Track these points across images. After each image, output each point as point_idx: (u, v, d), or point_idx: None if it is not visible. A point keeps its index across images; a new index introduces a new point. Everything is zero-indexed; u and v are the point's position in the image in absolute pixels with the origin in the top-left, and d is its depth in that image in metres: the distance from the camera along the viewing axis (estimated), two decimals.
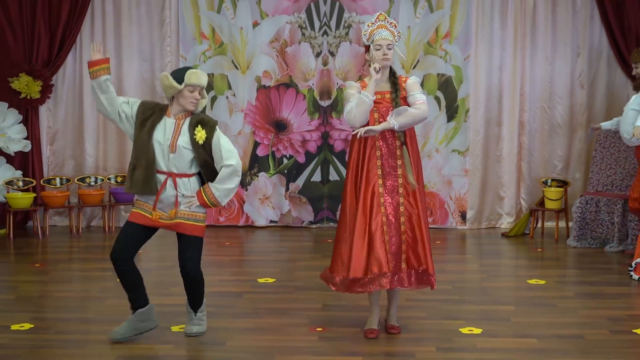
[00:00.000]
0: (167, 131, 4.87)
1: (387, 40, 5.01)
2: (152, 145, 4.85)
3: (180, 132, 4.87)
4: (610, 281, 6.72)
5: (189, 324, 5.13)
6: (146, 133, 4.87)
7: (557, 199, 8.46)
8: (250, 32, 8.87)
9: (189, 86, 4.85)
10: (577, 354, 4.86)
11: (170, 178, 4.87)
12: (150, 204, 4.90)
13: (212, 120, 4.98)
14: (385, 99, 5.05)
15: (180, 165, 4.87)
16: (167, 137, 4.86)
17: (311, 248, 8.09)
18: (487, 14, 8.83)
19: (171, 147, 4.84)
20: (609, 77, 8.92)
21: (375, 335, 5.10)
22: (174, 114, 4.93)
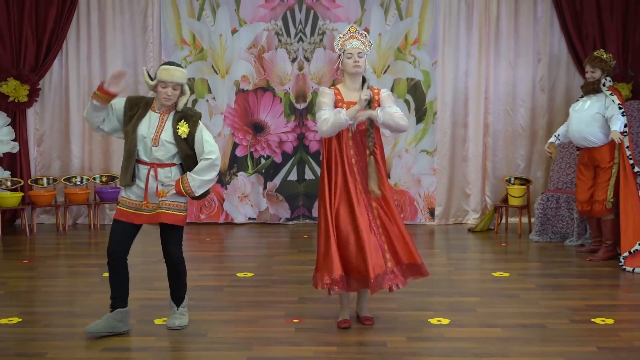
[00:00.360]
0: (152, 125, 4.84)
1: (357, 49, 5.02)
2: (134, 138, 4.82)
3: (164, 127, 4.84)
4: (570, 273, 6.77)
5: (171, 318, 5.11)
6: (131, 127, 4.83)
7: (520, 196, 8.51)
8: (229, 39, 8.84)
9: (161, 82, 4.79)
10: (539, 342, 4.89)
11: (153, 168, 4.85)
12: (134, 199, 4.88)
13: (195, 114, 4.93)
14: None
15: (163, 158, 4.84)
16: (151, 131, 4.83)
17: (288, 244, 8.09)
18: (454, 21, 8.87)
19: (154, 141, 4.81)
20: (568, 81, 8.98)
21: (348, 325, 5.10)
22: (158, 108, 4.89)
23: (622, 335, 5.01)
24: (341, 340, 4.91)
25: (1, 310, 5.55)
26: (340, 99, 5.06)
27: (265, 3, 8.83)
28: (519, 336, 4.99)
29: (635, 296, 6.04)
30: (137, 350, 4.76)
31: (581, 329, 5.15)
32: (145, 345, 4.85)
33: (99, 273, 6.61)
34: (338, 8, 8.82)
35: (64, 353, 4.68)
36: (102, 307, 5.57)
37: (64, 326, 5.20)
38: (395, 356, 4.62)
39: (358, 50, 5.03)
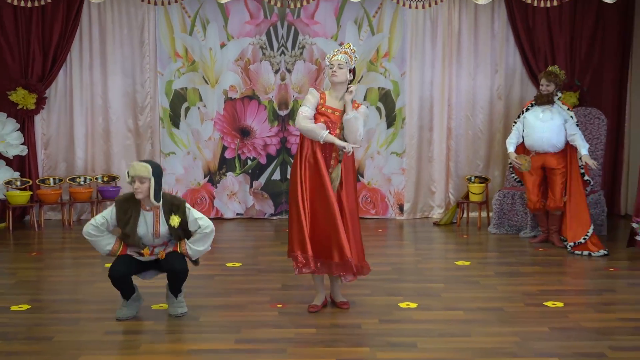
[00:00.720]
0: (148, 224, 4.91)
1: (338, 60, 5.07)
2: (135, 239, 4.90)
3: (160, 222, 4.91)
4: (524, 262, 6.82)
5: (173, 307, 5.09)
6: (130, 229, 4.88)
7: (480, 193, 8.55)
8: (218, 52, 8.82)
9: (129, 178, 4.83)
10: (498, 323, 4.93)
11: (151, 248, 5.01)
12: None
13: (180, 202, 4.95)
14: (335, 115, 5.09)
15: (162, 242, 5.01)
16: (149, 228, 4.90)
17: (272, 237, 8.08)
18: (420, 37, 8.89)
19: (155, 234, 4.92)
20: (522, 90, 9.03)
21: (316, 310, 5.14)
22: (148, 205, 4.89)
23: (570, 316, 5.06)
24: (319, 322, 4.92)
25: (12, 298, 5.52)
26: (322, 102, 5.11)
27: (250, 20, 8.82)
28: (479, 318, 5.03)
29: (582, 282, 6.11)
30: (137, 333, 4.75)
31: (534, 311, 5.20)
32: (143, 329, 4.84)
33: (101, 264, 6.58)
34: (316, 24, 8.82)
35: (69, 336, 4.66)
36: (104, 295, 5.56)
37: (69, 312, 5.18)
38: (368, 337, 4.64)
39: (338, 61, 5.08)
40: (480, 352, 4.37)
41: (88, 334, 4.70)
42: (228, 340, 4.57)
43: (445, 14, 8.87)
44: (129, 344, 4.55)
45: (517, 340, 4.55)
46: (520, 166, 7.45)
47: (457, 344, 4.52)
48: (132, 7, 8.77)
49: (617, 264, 6.64)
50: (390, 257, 7.01)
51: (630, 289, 5.83)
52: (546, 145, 7.36)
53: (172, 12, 8.74)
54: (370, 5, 8.76)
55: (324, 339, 4.60)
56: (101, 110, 8.90)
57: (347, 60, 5.12)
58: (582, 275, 6.34)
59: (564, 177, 7.36)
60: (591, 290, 5.82)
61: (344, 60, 5.10)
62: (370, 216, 9.05)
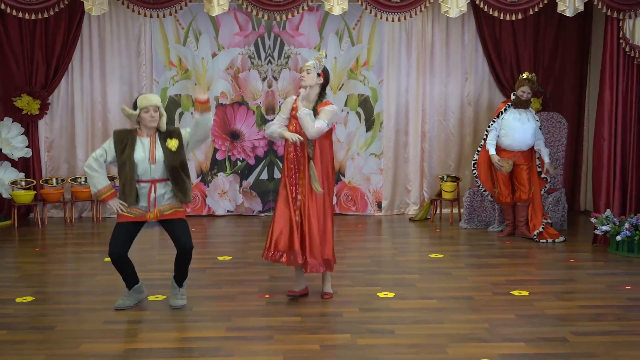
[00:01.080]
0: (145, 149, 4.81)
1: (307, 66, 5.04)
2: (132, 164, 4.77)
3: (156, 147, 4.82)
4: (492, 254, 6.84)
5: (175, 299, 5.04)
6: (127, 156, 4.79)
7: (451, 191, 8.57)
8: (210, 61, 8.78)
9: (143, 109, 4.78)
10: (468, 311, 4.94)
11: (153, 185, 4.81)
12: (136, 212, 4.83)
13: (176, 129, 4.95)
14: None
15: (159, 174, 4.82)
16: (146, 153, 4.80)
17: (260, 232, 8.05)
18: (396, 47, 8.90)
19: (152, 159, 4.80)
20: (490, 96, 9.05)
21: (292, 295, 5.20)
22: (146, 133, 4.85)
23: (535, 304, 5.08)
24: (305, 312, 4.91)
25: (17, 290, 5.46)
26: (295, 107, 5.08)
27: (240, 31, 8.78)
28: (452, 306, 5.03)
29: (546, 272, 6.13)
30: (134, 323, 4.71)
31: (502, 300, 5.21)
32: (140, 319, 4.80)
33: (100, 258, 6.53)
34: (300, 36, 8.80)
35: (71, 326, 4.62)
36: (104, 287, 5.53)
37: (71, 303, 5.13)
38: (350, 324, 4.64)
39: (306, 67, 5.04)
40: (452, 337, 4.37)
41: (88, 324, 4.66)
42: (219, 329, 4.55)
43: (420, 27, 8.88)
44: (127, 333, 4.51)
45: (487, 327, 4.56)
46: (502, 168, 7.47)
47: (432, 330, 4.52)
48: (129, 19, 8.71)
49: (577, 256, 6.68)
50: (370, 251, 7.01)
51: (589, 278, 5.86)
52: (523, 145, 7.43)
53: (167, 24, 8.69)
54: (350, 18, 8.75)
55: (308, 327, 4.58)
56: (100, 115, 8.83)
57: (316, 65, 5.05)
58: (545, 266, 6.37)
59: (529, 172, 7.49)
60: (554, 280, 5.85)
61: (312, 66, 5.04)
62: (350, 213, 9.05)
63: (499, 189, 7.62)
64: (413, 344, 4.26)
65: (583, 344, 4.27)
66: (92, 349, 4.20)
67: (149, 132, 4.85)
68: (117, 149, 4.81)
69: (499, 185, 7.60)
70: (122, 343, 4.32)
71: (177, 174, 4.83)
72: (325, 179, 5.10)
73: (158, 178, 4.82)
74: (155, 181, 4.82)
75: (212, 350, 4.17)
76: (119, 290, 5.43)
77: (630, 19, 6.76)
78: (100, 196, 4.84)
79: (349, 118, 8.93)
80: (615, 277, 5.87)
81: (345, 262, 6.42)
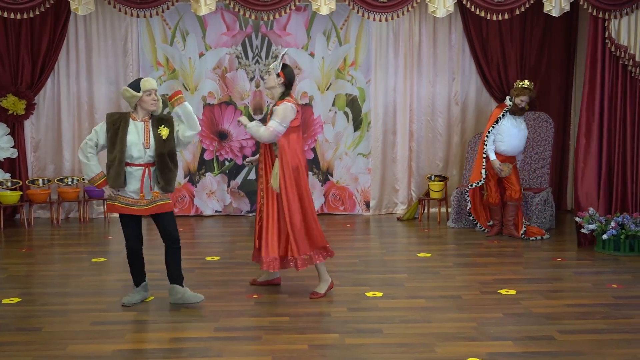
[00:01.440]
0: (139, 132, 4.84)
1: (267, 69, 5.14)
2: (123, 145, 4.78)
3: (150, 133, 4.84)
4: (480, 253, 6.86)
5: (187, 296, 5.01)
6: (119, 139, 4.79)
7: (439, 191, 8.60)
8: (197, 61, 8.75)
9: (146, 92, 4.81)
10: (456, 309, 4.95)
11: (147, 168, 4.84)
12: (127, 196, 4.86)
13: (168, 116, 4.99)
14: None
15: (152, 158, 4.86)
16: (140, 137, 4.82)
17: (248, 232, 8.04)
18: (384, 47, 8.91)
19: (146, 144, 4.83)
20: (477, 96, 9.09)
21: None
22: (141, 117, 4.88)
23: (522, 303, 5.10)
24: (293, 311, 4.90)
25: (3, 292, 5.42)
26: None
27: (227, 31, 8.77)
28: (440, 305, 5.05)
29: (532, 271, 6.16)
30: (122, 324, 4.69)
31: (489, 298, 5.23)
32: (128, 320, 4.78)
33: (87, 259, 6.50)
34: (288, 35, 8.79)
35: (58, 327, 4.60)
36: (91, 288, 5.50)
37: (58, 304, 5.10)
38: (338, 324, 4.64)
39: (267, 70, 5.14)
40: (441, 336, 4.38)
41: (75, 325, 4.63)
42: (208, 329, 4.54)
43: (407, 26, 8.90)
44: (114, 334, 4.49)
45: (475, 326, 4.58)
46: (502, 172, 7.51)
47: (420, 329, 4.53)
48: (116, 19, 8.67)
49: (564, 255, 6.72)
50: (358, 250, 7.02)
51: (575, 277, 5.89)
52: (517, 150, 7.61)
53: (154, 24, 8.66)
54: (338, 17, 8.76)
55: (296, 327, 4.58)
56: (87, 115, 8.78)
57: (275, 66, 5.10)
58: (532, 265, 6.40)
59: (517, 173, 7.61)
60: (540, 278, 5.88)
61: (272, 67, 5.10)
62: (339, 212, 9.05)
63: (489, 191, 7.65)
64: (401, 344, 4.27)
65: (570, 342, 4.30)
66: (80, 351, 4.18)
67: (144, 117, 4.88)
68: (110, 131, 4.83)
69: (489, 186, 7.63)
70: (109, 344, 4.30)
71: (163, 161, 4.85)
72: (295, 173, 5.11)
73: (151, 162, 4.87)
74: (148, 165, 4.86)
75: (200, 351, 4.16)
76: (106, 292, 5.41)
77: (615, 19, 6.81)
78: (95, 182, 4.88)
79: (337, 118, 8.93)
80: (601, 276, 5.91)
81: (333, 262, 6.41)
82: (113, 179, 4.79)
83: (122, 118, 4.87)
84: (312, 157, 8.95)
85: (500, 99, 8.87)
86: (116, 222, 8.49)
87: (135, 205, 4.85)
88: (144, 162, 4.83)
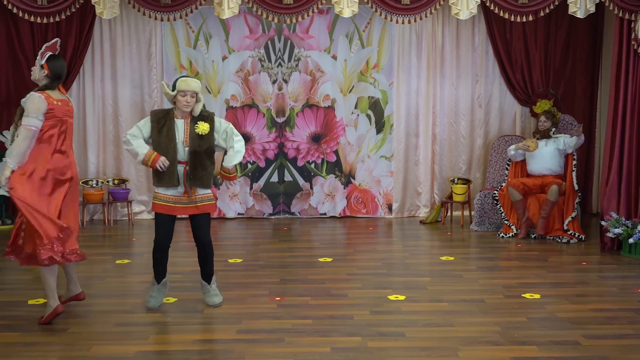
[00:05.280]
0: (180, 130, 4.83)
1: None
2: (174, 146, 4.79)
3: (190, 129, 4.83)
4: (503, 257, 6.81)
5: (210, 297, 5.08)
6: (166, 137, 4.80)
7: (462, 194, 8.55)
8: (220, 64, 8.80)
9: (180, 92, 4.78)
10: (479, 314, 4.92)
11: (188, 166, 4.84)
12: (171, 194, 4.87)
13: (209, 113, 4.93)
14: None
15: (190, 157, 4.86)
16: (181, 135, 4.82)
17: (270, 234, 8.06)
18: (406, 49, 8.89)
19: (185, 142, 4.82)
20: (501, 98, 9.03)
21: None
22: (180, 116, 4.87)
23: (547, 307, 5.05)
24: (315, 314, 4.90)
25: (29, 293, 5.49)
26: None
27: (250, 34, 8.80)
28: (463, 309, 5.01)
29: (558, 275, 6.10)
30: (145, 325, 4.72)
31: (513, 302, 5.19)
32: (151, 321, 4.81)
33: (112, 261, 6.55)
34: (311, 38, 8.80)
35: (83, 328, 4.64)
36: (115, 289, 5.54)
37: (82, 305, 5.14)
38: (360, 327, 4.62)
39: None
40: (464, 340, 4.35)
41: (100, 326, 4.67)
42: (230, 331, 4.55)
43: (430, 29, 8.87)
44: (138, 335, 4.52)
45: (498, 330, 4.54)
46: (529, 147, 7.69)
47: (442, 333, 4.50)
48: (140, 23, 8.75)
49: (589, 259, 6.64)
50: (380, 253, 7.00)
51: (601, 281, 5.82)
52: (543, 169, 7.78)
53: (178, 27, 8.72)
54: (360, 20, 8.75)
55: (319, 329, 4.57)
56: (112, 118, 8.87)
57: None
58: (557, 269, 6.33)
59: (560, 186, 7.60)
60: (566, 283, 5.81)
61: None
62: (361, 215, 9.04)
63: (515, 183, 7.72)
64: (424, 347, 4.25)
65: (595, 347, 4.24)
66: (104, 351, 4.21)
67: (184, 114, 4.86)
68: (154, 129, 4.82)
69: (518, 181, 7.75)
70: (133, 345, 4.33)
71: (197, 159, 4.82)
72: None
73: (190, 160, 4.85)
74: (188, 163, 4.84)
75: (223, 353, 4.17)
76: (130, 293, 5.45)
77: None
78: (149, 160, 4.76)
79: (359, 120, 8.92)
80: (627, 280, 5.84)
81: (355, 265, 6.41)
82: (167, 178, 4.80)
83: (167, 117, 4.84)
84: (335, 159, 8.95)
85: (524, 101, 8.82)
86: (140, 225, 8.56)
87: (178, 203, 4.88)
88: (183, 160, 4.83)
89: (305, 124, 8.90)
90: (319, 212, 9.02)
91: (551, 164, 7.74)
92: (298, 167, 8.96)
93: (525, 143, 7.76)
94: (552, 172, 7.75)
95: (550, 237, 7.49)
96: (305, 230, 8.23)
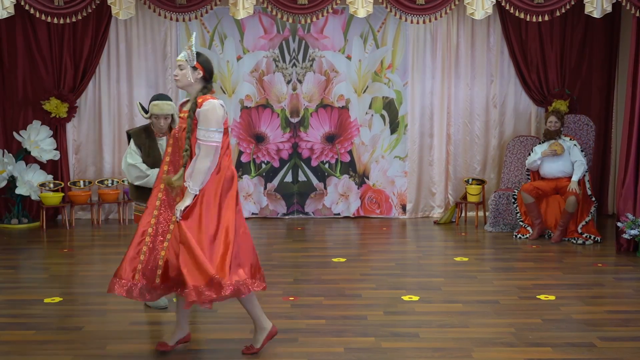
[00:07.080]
0: (163, 149, 4.87)
1: (178, 61, 4.00)
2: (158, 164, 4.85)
3: None
4: (518, 258, 6.77)
5: None
6: (153, 158, 4.89)
7: (477, 194, 8.51)
8: (235, 64, 8.82)
9: (154, 115, 4.82)
10: (493, 315, 4.90)
11: None
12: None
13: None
14: (184, 119, 4.01)
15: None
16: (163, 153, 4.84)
17: (284, 234, 8.07)
18: (421, 49, 8.86)
19: None
20: (516, 98, 8.98)
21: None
22: (160, 134, 4.92)
23: (562, 309, 5.02)
24: (329, 314, 4.90)
25: (45, 291, 5.53)
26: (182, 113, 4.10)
27: (264, 35, 8.81)
28: (477, 310, 5.00)
29: (573, 277, 6.06)
30: (159, 324, 4.74)
31: (528, 304, 5.16)
32: (165, 320, 4.83)
33: None
34: (325, 38, 8.80)
35: (98, 327, 4.67)
36: None
37: (98, 304, 5.18)
38: (374, 327, 4.62)
39: (178, 62, 4.00)
40: (478, 341, 4.34)
41: (115, 325, 4.70)
42: (244, 331, 4.55)
43: (445, 29, 8.83)
44: (152, 334, 4.54)
45: (512, 331, 4.52)
46: (556, 151, 7.69)
47: (457, 334, 4.49)
48: (155, 23, 8.79)
49: (605, 260, 6.59)
50: (394, 254, 6.99)
51: (617, 283, 5.78)
52: (556, 172, 7.72)
53: (192, 27, 8.74)
54: (375, 20, 8.74)
55: (333, 330, 4.58)
56: (127, 118, 8.91)
57: (188, 58, 3.95)
58: (572, 270, 6.29)
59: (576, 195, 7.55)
60: (581, 284, 5.78)
61: (184, 59, 3.96)
62: (375, 215, 9.02)
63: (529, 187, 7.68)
64: (438, 348, 4.23)
65: (611, 349, 4.21)
66: (119, 350, 4.23)
67: (162, 133, 4.93)
68: (142, 152, 4.93)
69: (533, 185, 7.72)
70: (148, 344, 4.35)
71: None
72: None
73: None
74: None
75: (236, 352, 4.18)
76: None
77: None
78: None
79: (374, 121, 8.91)
80: None
81: (369, 265, 6.41)
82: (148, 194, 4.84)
83: (145, 135, 4.92)
84: (349, 159, 8.95)
85: (539, 101, 8.77)
86: None
87: None
88: None
89: (319, 124, 8.90)
90: (332, 212, 9.02)
91: (564, 165, 7.69)
92: (312, 167, 8.96)
93: (551, 148, 7.70)
94: (565, 173, 7.69)
95: (566, 238, 7.44)
96: (319, 230, 8.24)
